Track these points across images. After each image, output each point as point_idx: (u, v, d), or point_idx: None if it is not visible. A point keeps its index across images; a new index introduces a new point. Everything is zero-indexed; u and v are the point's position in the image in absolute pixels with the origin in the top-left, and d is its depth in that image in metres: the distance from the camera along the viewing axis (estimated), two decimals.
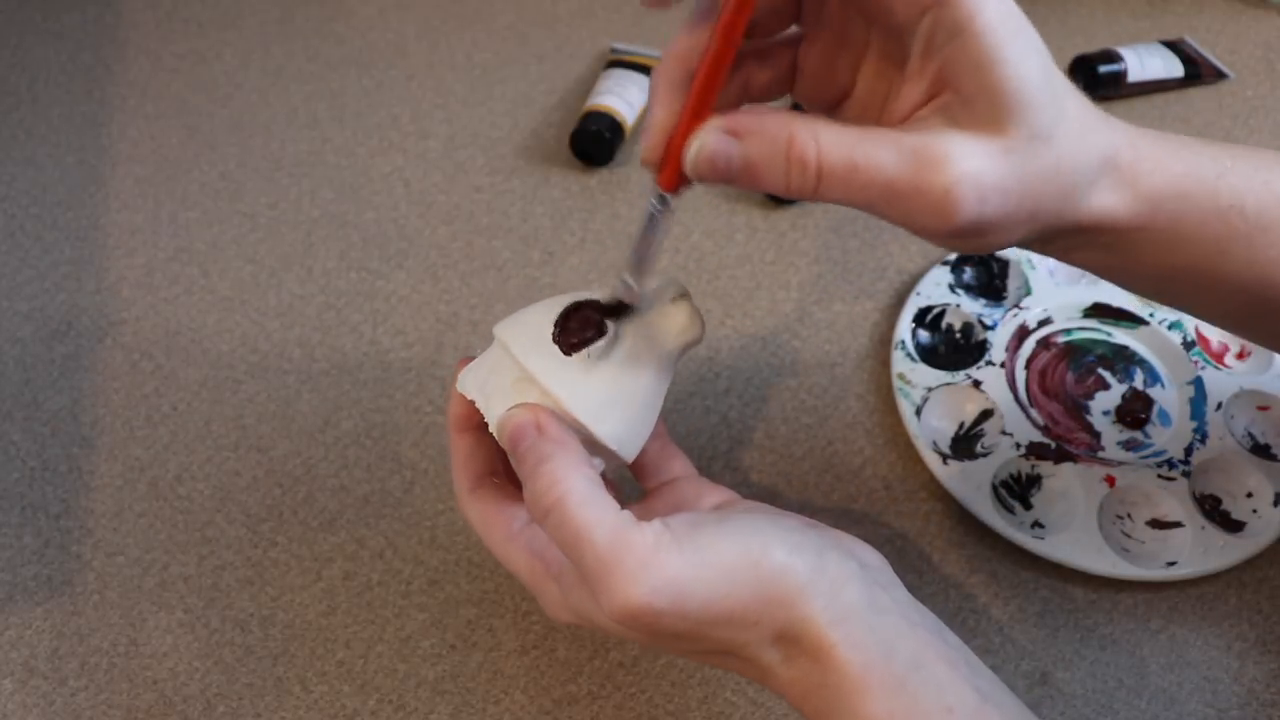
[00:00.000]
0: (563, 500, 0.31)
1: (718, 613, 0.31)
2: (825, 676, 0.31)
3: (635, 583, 0.30)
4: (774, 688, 0.33)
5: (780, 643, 0.32)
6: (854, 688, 0.31)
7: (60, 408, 0.56)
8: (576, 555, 0.31)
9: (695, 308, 0.37)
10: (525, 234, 0.63)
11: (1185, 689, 0.45)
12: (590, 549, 0.31)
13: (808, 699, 0.32)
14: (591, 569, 0.31)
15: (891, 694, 0.31)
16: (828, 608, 0.31)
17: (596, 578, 0.31)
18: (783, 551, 0.32)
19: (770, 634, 0.31)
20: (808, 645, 0.31)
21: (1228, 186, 0.32)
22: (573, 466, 0.32)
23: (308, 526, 0.51)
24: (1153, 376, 0.54)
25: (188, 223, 0.65)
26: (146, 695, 0.46)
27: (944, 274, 0.58)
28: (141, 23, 0.79)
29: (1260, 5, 0.77)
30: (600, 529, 0.31)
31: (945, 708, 0.31)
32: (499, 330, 0.37)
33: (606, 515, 0.31)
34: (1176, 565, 0.47)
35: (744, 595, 0.31)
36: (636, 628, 0.31)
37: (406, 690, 0.46)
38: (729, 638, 0.31)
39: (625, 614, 0.30)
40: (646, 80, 0.68)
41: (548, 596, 0.36)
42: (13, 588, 0.49)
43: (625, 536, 0.31)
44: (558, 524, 0.31)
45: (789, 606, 0.31)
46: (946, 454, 0.50)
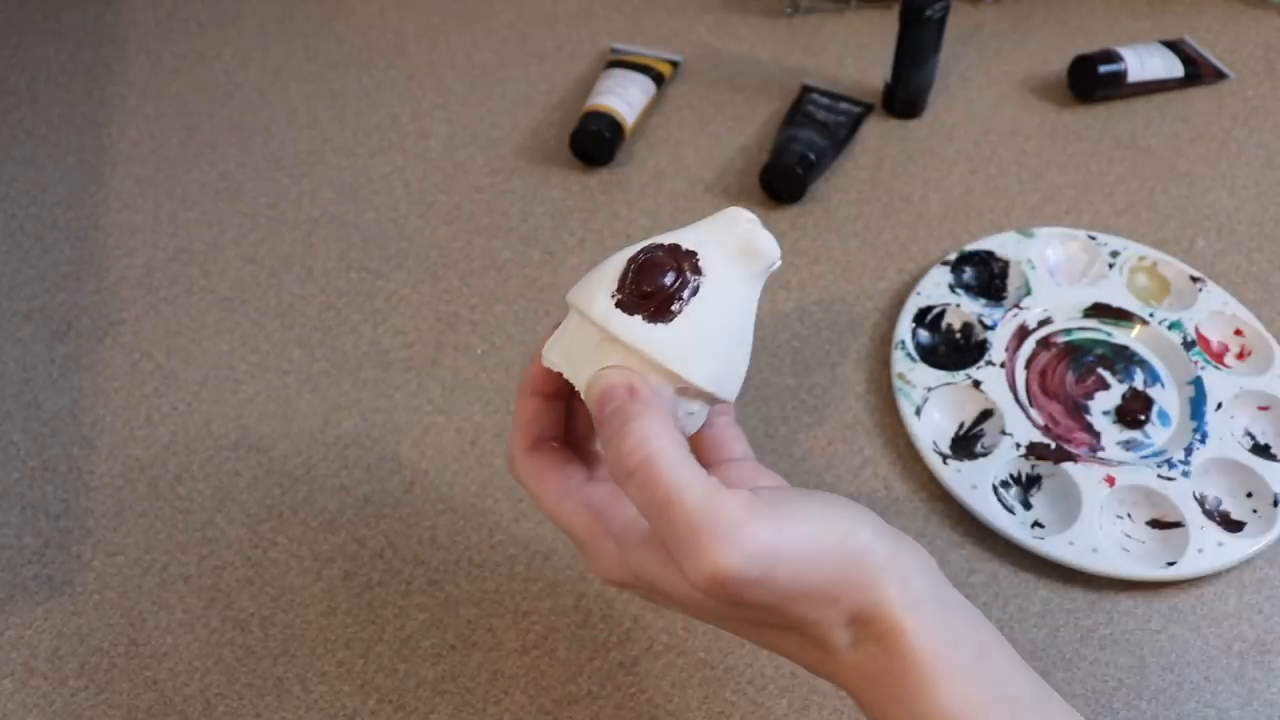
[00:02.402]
0: (652, 459, 0.30)
1: (803, 586, 0.30)
2: (891, 663, 0.31)
3: (728, 548, 0.29)
4: (831, 672, 0.33)
5: (853, 624, 0.31)
6: (921, 676, 0.31)
7: (60, 408, 0.56)
8: (665, 516, 0.30)
9: (765, 230, 0.35)
10: (525, 234, 0.63)
11: (1185, 689, 0.45)
12: (680, 510, 0.30)
13: (870, 686, 0.31)
14: (680, 531, 0.30)
15: (958, 683, 0.31)
16: (902, 594, 0.31)
17: (684, 540, 0.30)
18: (867, 532, 0.32)
19: (846, 614, 0.31)
20: (879, 629, 0.31)
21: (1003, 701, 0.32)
22: (663, 427, 0.32)
23: (308, 526, 0.51)
24: (1153, 376, 0.54)
25: (188, 223, 0.65)
26: (146, 695, 0.46)
27: (944, 274, 0.58)
28: (141, 22, 0.79)
29: (1260, 5, 0.77)
30: (692, 490, 0.30)
31: (1009, 698, 0.31)
32: (571, 297, 0.35)
33: (697, 477, 0.31)
34: (1176, 565, 0.47)
35: (829, 570, 0.31)
36: (718, 595, 0.30)
37: (406, 690, 0.46)
38: (805, 613, 0.31)
39: (713, 580, 0.29)
40: (647, 80, 0.68)
41: (603, 554, 0.34)
42: (13, 588, 0.49)
43: (717, 500, 0.30)
44: (644, 483, 0.30)
45: (867, 588, 0.31)
46: (946, 454, 0.50)
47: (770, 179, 0.63)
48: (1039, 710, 0.32)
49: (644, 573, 0.33)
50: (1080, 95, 0.69)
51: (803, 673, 0.45)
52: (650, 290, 0.33)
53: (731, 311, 0.34)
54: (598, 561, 0.35)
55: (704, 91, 0.71)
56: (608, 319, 0.33)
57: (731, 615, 0.32)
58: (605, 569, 0.34)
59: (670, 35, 0.75)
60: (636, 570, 0.33)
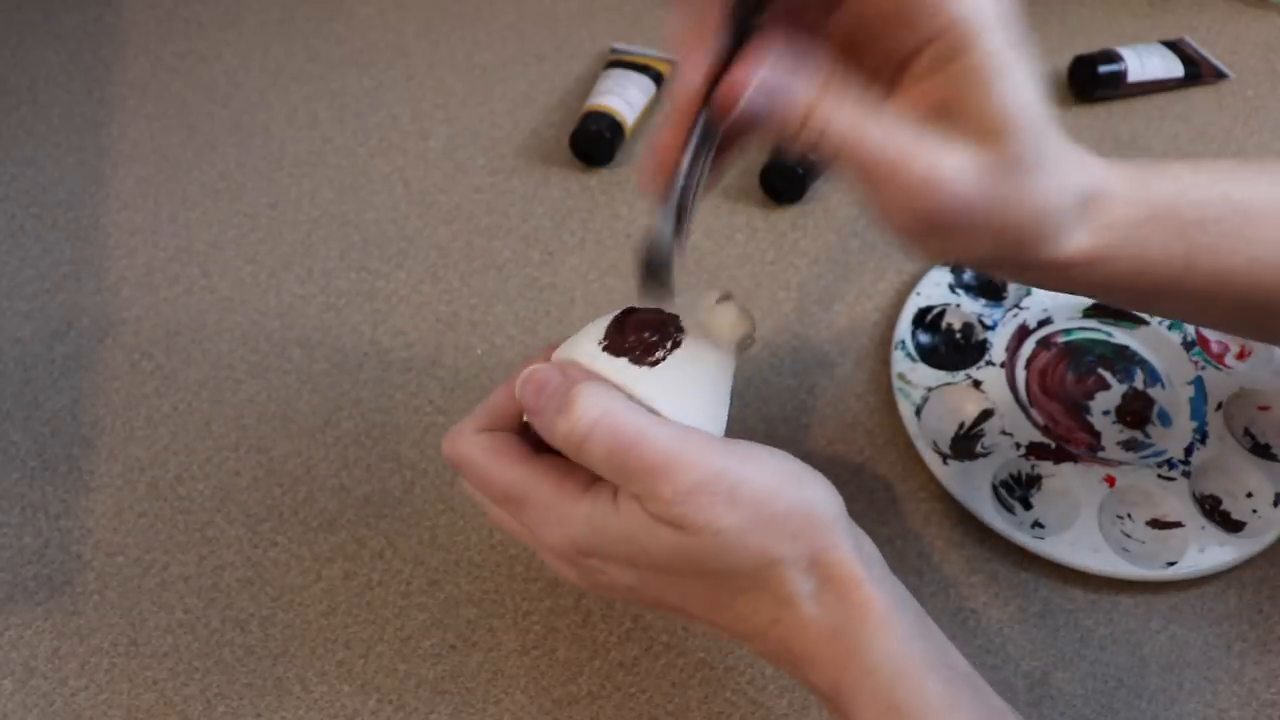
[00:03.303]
0: (610, 410, 0.31)
1: (764, 511, 0.31)
2: (849, 614, 0.32)
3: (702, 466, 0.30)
4: (784, 634, 0.33)
5: (814, 569, 0.32)
6: (879, 625, 0.32)
7: (60, 408, 0.56)
8: (635, 453, 0.30)
9: (740, 305, 0.37)
10: (525, 234, 0.63)
11: (1185, 689, 0.45)
12: (652, 444, 0.30)
13: (826, 641, 0.32)
14: (652, 463, 0.30)
15: (908, 639, 0.32)
16: (855, 549, 0.32)
17: (656, 470, 0.30)
18: (819, 488, 0.33)
19: (806, 555, 0.32)
20: (837, 577, 0.32)
21: (1188, 204, 0.33)
22: (610, 390, 0.32)
23: (308, 526, 0.51)
24: (1153, 376, 0.54)
25: (188, 223, 0.65)
26: (146, 695, 0.46)
27: (944, 274, 0.58)
28: (141, 23, 0.79)
29: (1260, 5, 0.77)
30: (658, 428, 0.31)
31: (948, 665, 0.33)
32: (558, 353, 0.36)
33: (660, 422, 0.31)
34: (1176, 565, 0.47)
35: (788, 503, 0.32)
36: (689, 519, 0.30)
37: (406, 690, 0.46)
38: (767, 548, 0.31)
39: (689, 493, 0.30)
40: (646, 80, 0.68)
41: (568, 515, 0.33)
42: (13, 588, 0.49)
43: (684, 435, 0.31)
44: (608, 431, 0.31)
45: (823, 533, 0.32)
46: (946, 454, 0.50)
47: (770, 179, 0.63)
48: (971, 684, 0.33)
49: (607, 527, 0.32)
50: (1080, 95, 0.69)
51: None
52: (635, 339, 0.34)
53: (710, 370, 0.35)
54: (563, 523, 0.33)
55: None
56: (593, 359, 0.34)
57: (688, 565, 0.32)
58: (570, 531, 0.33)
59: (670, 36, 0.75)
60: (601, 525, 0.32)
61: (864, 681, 0.31)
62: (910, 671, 0.31)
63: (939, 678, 0.32)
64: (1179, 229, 0.33)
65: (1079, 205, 0.32)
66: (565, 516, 0.33)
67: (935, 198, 0.29)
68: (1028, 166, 0.30)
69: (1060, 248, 0.32)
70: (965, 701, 0.32)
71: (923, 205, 0.29)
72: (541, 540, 0.35)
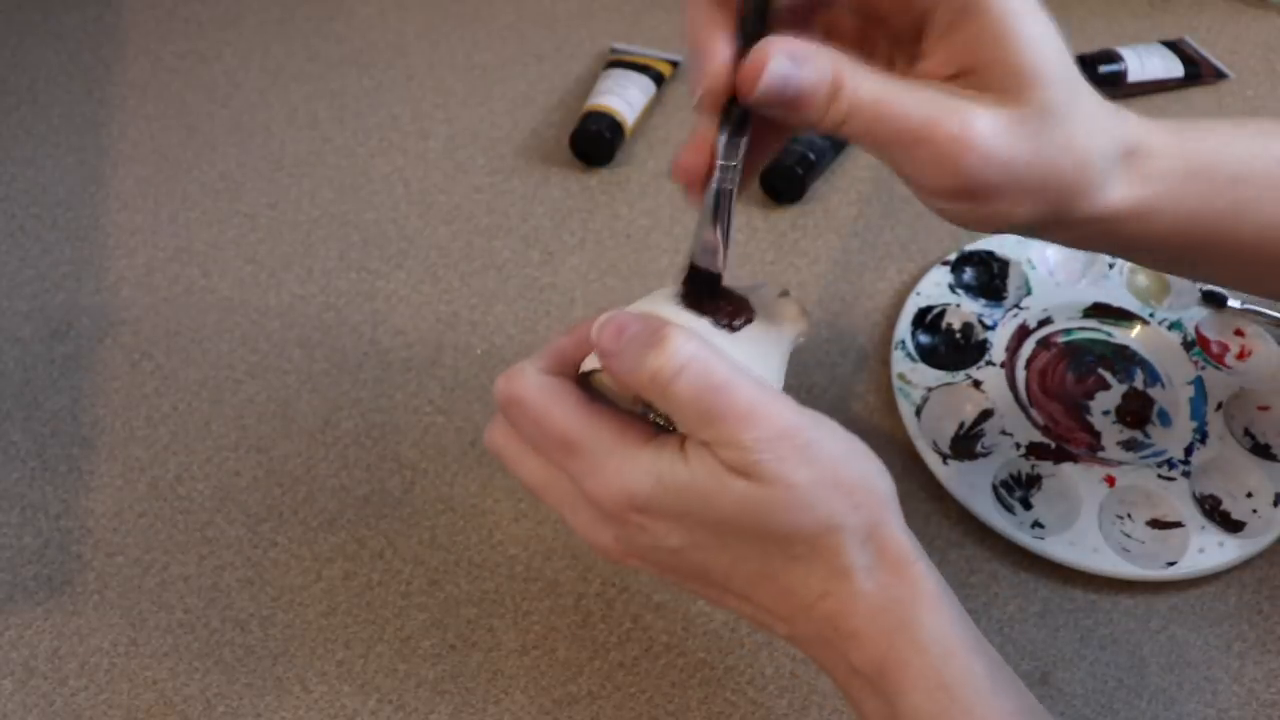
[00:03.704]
0: (699, 351, 0.31)
1: (836, 475, 0.31)
2: (902, 591, 0.32)
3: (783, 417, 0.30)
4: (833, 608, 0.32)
5: (870, 542, 0.32)
6: (930, 606, 0.32)
7: (60, 408, 0.56)
8: (726, 399, 0.30)
9: (800, 303, 0.37)
10: (525, 234, 0.63)
11: (1185, 689, 0.45)
12: (740, 390, 0.30)
13: (880, 614, 0.32)
14: (743, 408, 0.30)
15: (955, 621, 0.32)
16: (905, 532, 0.33)
17: (741, 416, 0.30)
18: (877, 465, 0.33)
19: (866, 526, 0.32)
20: (892, 555, 0.32)
21: (1232, 158, 0.33)
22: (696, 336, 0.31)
23: (308, 526, 0.51)
24: (1153, 376, 0.54)
25: (188, 223, 0.65)
26: (146, 695, 0.46)
27: (944, 274, 0.58)
28: (141, 23, 0.79)
29: (1260, 5, 0.76)
30: (747, 377, 0.31)
31: (986, 652, 0.33)
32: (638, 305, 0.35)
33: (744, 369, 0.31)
34: (1176, 565, 0.47)
35: (856, 471, 0.32)
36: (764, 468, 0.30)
37: (406, 690, 0.46)
38: (833, 512, 0.31)
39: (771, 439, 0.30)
40: (646, 80, 0.68)
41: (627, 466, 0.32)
42: (13, 588, 0.49)
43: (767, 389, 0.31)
44: (698, 374, 0.30)
45: (880, 508, 0.32)
46: (946, 454, 0.50)
47: (770, 179, 0.63)
48: (1007, 674, 0.33)
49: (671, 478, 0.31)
50: None
51: (803, 672, 0.45)
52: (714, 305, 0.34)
53: (774, 355, 0.35)
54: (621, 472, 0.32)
55: None
56: (678, 314, 0.33)
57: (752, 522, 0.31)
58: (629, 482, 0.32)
59: (670, 35, 0.75)
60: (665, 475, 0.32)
61: (914, 659, 0.31)
62: (959, 651, 0.31)
63: (985, 660, 0.32)
64: (1222, 183, 0.33)
65: (1118, 156, 0.32)
66: (624, 465, 0.32)
67: (971, 156, 0.29)
68: (1060, 115, 0.30)
69: (1103, 200, 0.32)
70: (1007, 687, 0.32)
71: (959, 166, 0.29)
72: (589, 492, 0.33)
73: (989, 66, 0.29)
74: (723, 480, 0.31)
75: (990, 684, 0.31)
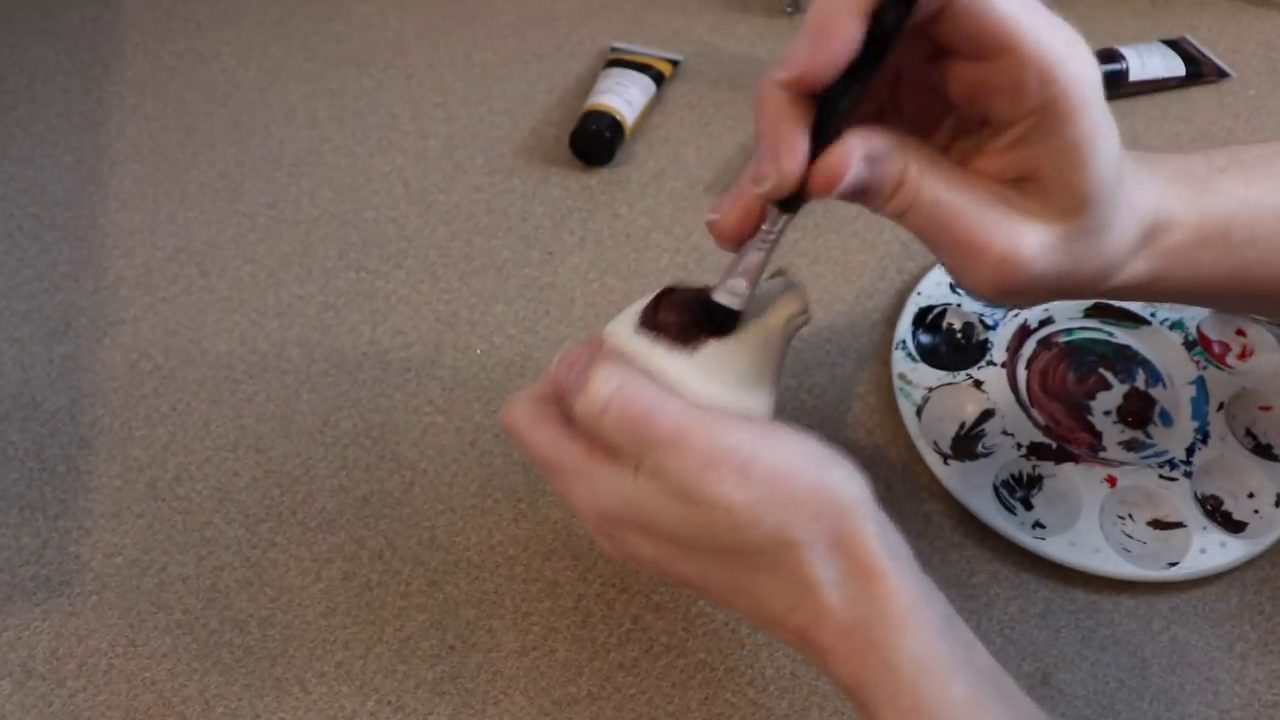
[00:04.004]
0: (624, 385, 0.31)
1: (779, 491, 0.31)
2: (872, 605, 0.31)
3: (711, 440, 0.30)
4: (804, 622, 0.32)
5: (835, 552, 0.31)
6: (899, 623, 0.31)
7: (59, 408, 0.56)
8: (648, 425, 0.31)
9: (793, 280, 0.37)
10: (525, 234, 0.63)
11: (1187, 690, 0.45)
12: (665, 416, 0.31)
13: (850, 632, 0.31)
14: (666, 435, 0.31)
15: (933, 637, 0.31)
16: (879, 535, 0.32)
17: (668, 444, 0.31)
18: (840, 471, 0.33)
19: (827, 537, 0.31)
20: (861, 564, 0.31)
21: (1240, 224, 0.34)
22: (629, 371, 0.32)
23: (307, 527, 0.51)
24: (1154, 376, 0.54)
25: (187, 223, 0.65)
26: (145, 696, 0.46)
27: (944, 274, 0.58)
28: (141, 22, 0.79)
29: (1262, 4, 0.76)
30: (672, 403, 0.31)
31: (975, 665, 0.32)
32: (605, 330, 0.37)
33: (674, 398, 0.32)
34: (1178, 566, 0.46)
35: (806, 482, 0.31)
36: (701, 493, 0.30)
37: (406, 691, 0.46)
38: (783, 525, 0.31)
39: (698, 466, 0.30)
40: (646, 79, 0.68)
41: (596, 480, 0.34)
42: (11, 588, 0.49)
43: (698, 410, 0.31)
44: (622, 405, 0.31)
45: (846, 517, 0.32)
46: (947, 454, 0.50)
47: None
48: (997, 684, 0.33)
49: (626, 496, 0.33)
50: None
51: (803, 673, 0.45)
52: (672, 319, 0.34)
53: (750, 351, 0.35)
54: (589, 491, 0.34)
55: (704, 91, 0.71)
56: (629, 340, 0.35)
57: (702, 540, 0.32)
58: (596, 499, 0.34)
59: (670, 35, 0.75)
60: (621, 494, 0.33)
61: (885, 679, 0.31)
62: (934, 671, 0.31)
63: (964, 678, 0.31)
64: (1230, 247, 0.34)
65: (1139, 239, 0.33)
66: (591, 484, 0.34)
67: (1016, 273, 0.30)
68: (1102, 231, 0.31)
69: (1116, 280, 0.34)
70: (990, 703, 0.32)
71: (1003, 279, 0.31)
72: (574, 508, 0.35)
73: (1054, 186, 0.30)
74: (667, 503, 0.31)
75: (969, 703, 0.31)
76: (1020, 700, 0.33)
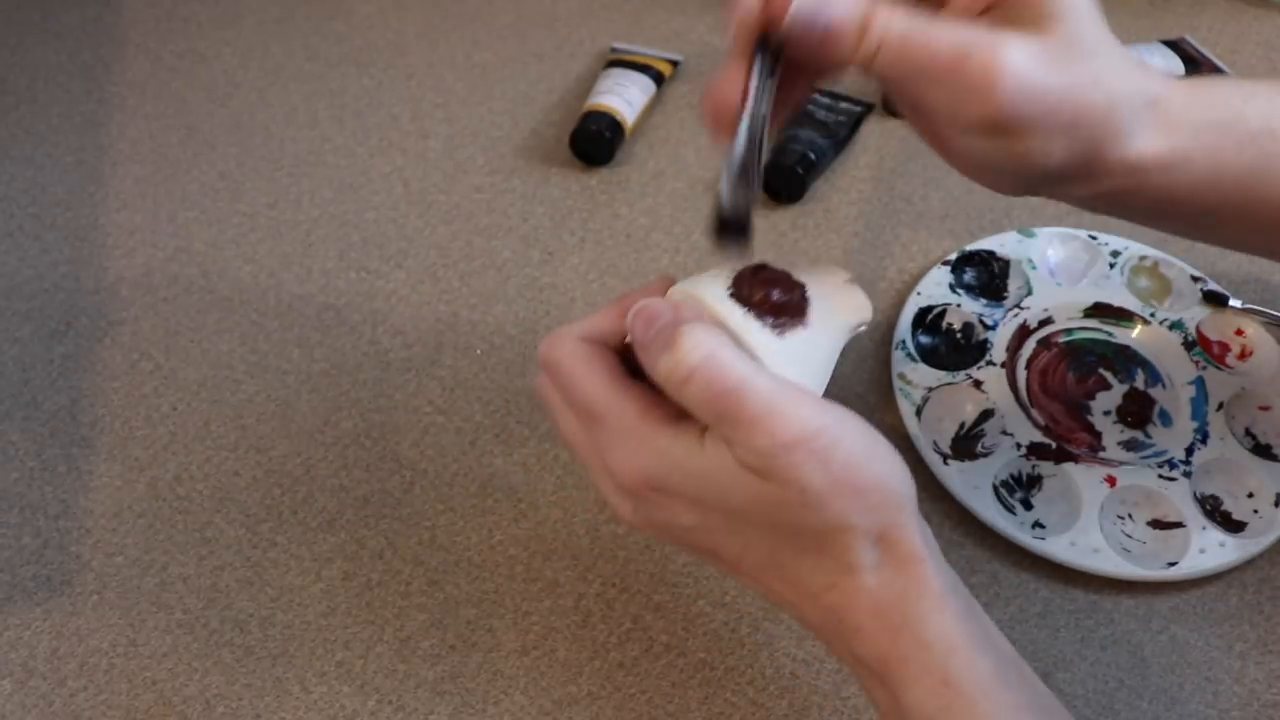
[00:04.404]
0: (714, 353, 0.31)
1: (853, 478, 0.31)
2: (908, 587, 0.32)
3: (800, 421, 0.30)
4: (837, 600, 0.32)
5: (881, 543, 0.32)
6: (935, 604, 0.32)
7: (59, 408, 0.56)
8: (736, 399, 0.30)
9: (862, 292, 0.37)
10: (525, 234, 0.63)
11: (1186, 689, 0.45)
12: (754, 392, 0.30)
13: (884, 611, 0.32)
14: (752, 411, 0.30)
15: (961, 619, 0.32)
16: (921, 531, 0.32)
17: (756, 418, 0.30)
18: (901, 466, 0.33)
19: (877, 528, 0.31)
20: (902, 553, 0.32)
21: (1255, 112, 0.34)
22: (718, 334, 0.32)
23: (307, 527, 0.51)
24: (1154, 376, 0.54)
25: (187, 222, 0.65)
26: (146, 696, 0.46)
27: (944, 274, 0.58)
28: (141, 22, 0.79)
29: (1261, 4, 0.76)
30: (761, 378, 0.31)
31: (995, 649, 0.33)
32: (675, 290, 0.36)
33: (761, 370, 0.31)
34: (1177, 566, 0.47)
35: (877, 474, 0.31)
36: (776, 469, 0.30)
37: (406, 690, 0.46)
38: (843, 513, 0.31)
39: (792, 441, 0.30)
40: (646, 80, 0.68)
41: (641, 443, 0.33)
42: (12, 588, 0.49)
43: (785, 385, 0.31)
44: (711, 375, 0.30)
45: (896, 510, 0.32)
46: (947, 454, 0.50)
47: (770, 179, 0.63)
48: (1018, 668, 0.33)
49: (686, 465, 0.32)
50: None
51: (803, 673, 0.45)
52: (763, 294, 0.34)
53: (823, 344, 0.35)
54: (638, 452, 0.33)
55: None
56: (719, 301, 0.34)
57: (763, 517, 0.32)
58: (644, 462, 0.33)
59: (670, 35, 0.75)
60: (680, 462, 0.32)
61: (916, 655, 0.31)
62: (962, 648, 0.31)
63: (990, 657, 0.32)
64: (1248, 135, 0.34)
65: (1146, 102, 0.32)
66: (641, 445, 0.33)
67: (1004, 83, 0.29)
68: (1089, 48, 0.30)
69: (1132, 147, 0.32)
70: (1015, 682, 0.32)
71: (993, 94, 0.29)
72: (609, 465, 0.34)
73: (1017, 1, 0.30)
74: (737, 475, 0.31)
75: (996, 679, 0.31)
76: (1038, 684, 0.34)
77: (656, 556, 0.49)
